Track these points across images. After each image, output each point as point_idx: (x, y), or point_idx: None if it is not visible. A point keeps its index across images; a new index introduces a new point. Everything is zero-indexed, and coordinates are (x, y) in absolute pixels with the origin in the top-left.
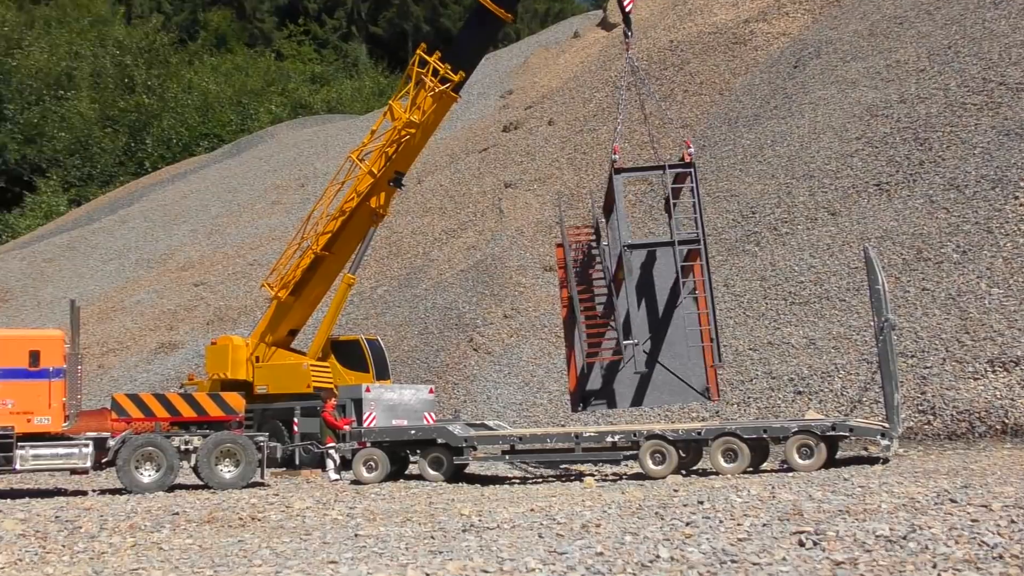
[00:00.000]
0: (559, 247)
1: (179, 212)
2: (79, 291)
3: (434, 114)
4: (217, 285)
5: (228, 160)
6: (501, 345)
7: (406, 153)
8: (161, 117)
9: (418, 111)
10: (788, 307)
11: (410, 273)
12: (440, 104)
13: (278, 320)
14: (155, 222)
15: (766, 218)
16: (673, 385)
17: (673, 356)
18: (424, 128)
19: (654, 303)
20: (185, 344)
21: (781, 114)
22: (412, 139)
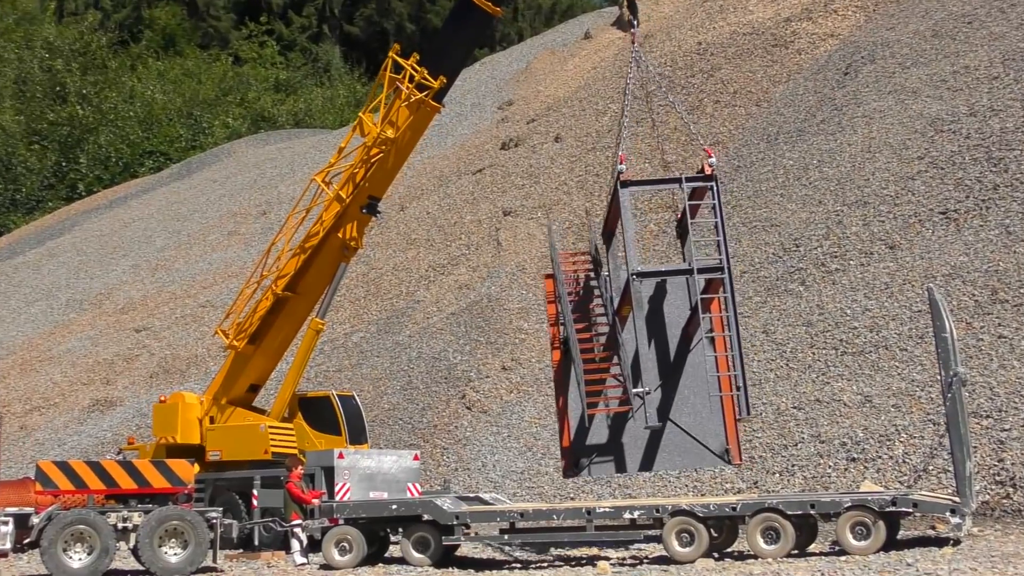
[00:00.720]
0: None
1: (118, 244)
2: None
3: (411, 128)
4: (162, 331)
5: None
6: (499, 403)
7: (380, 174)
8: (98, 131)
9: (392, 125)
10: (839, 358)
11: (391, 317)
12: (418, 116)
13: (236, 373)
14: (89, 256)
15: (812, 252)
16: (686, 445)
17: (687, 410)
18: (400, 145)
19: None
20: (124, 401)
21: (829, 129)
22: (386, 158)
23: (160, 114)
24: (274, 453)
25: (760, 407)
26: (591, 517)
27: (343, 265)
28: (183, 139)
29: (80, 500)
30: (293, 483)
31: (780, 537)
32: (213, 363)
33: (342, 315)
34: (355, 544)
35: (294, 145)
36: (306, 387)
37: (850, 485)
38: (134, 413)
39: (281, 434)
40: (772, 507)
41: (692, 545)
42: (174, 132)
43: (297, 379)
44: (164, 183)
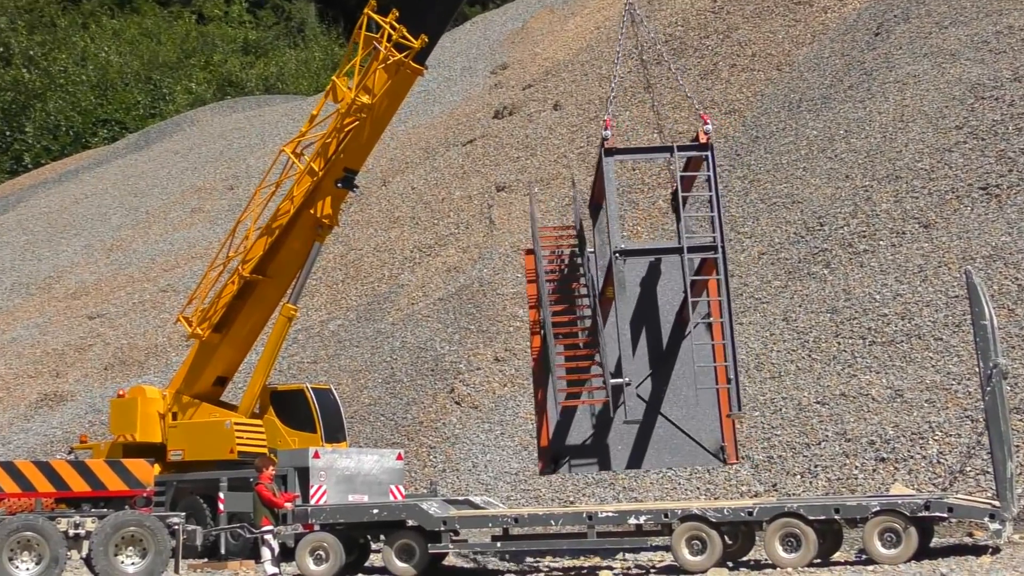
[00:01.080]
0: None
1: (69, 222)
2: None
3: (390, 93)
4: (118, 318)
5: (134, 154)
6: (491, 397)
7: (356, 145)
8: (46, 97)
9: (368, 90)
10: (867, 348)
11: (372, 303)
12: (398, 79)
13: (201, 365)
14: (37, 235)
15: (838, 232)
16: (678, 441)
17: (680, 403)
18: (378, 112)
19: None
20: (76, 395)
21: (858, 96)
22: (362, 127)
23: (115, 78)
24: (241, 452)
25: (780, 402)
26: (593, 523)
27: (317, 245)
28: (141, 106)
29: (27, 504)
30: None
31: (801, 545)
32: (175, 354)
33: (318, 300)
34: (332, 552)
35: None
36: (279, 380)
37: (879, 488)
38: (87, 408)
39: (248, 431)
40: (792, 512)
41: (704, 553)
42: (131, 98)
43: (268, 371)
44: (120, 155)
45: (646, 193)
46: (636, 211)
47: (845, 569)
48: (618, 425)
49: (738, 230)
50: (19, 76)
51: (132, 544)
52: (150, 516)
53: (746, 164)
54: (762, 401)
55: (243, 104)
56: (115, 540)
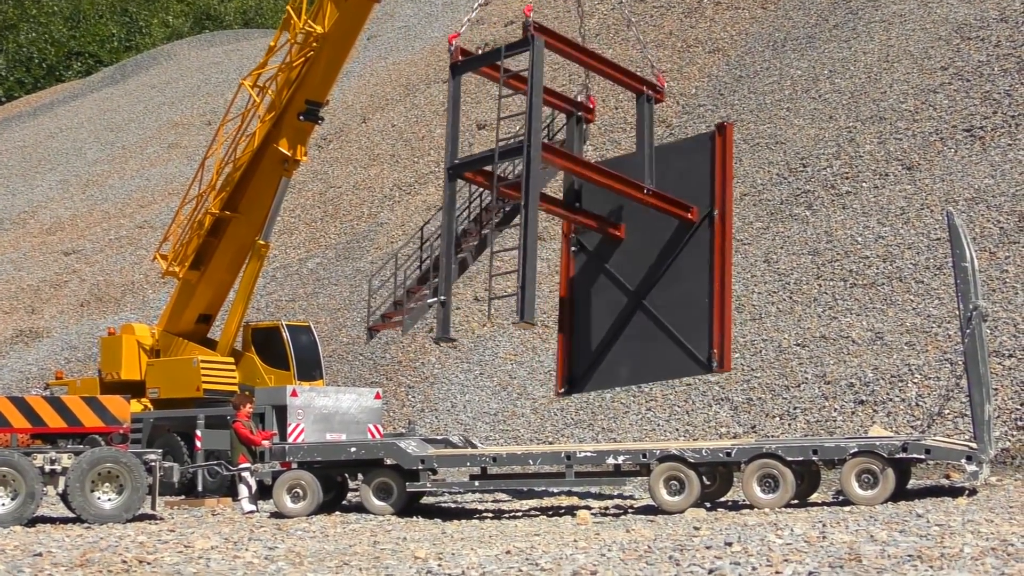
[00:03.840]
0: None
1: (43, 157)
2: None
3: (344, 20)
4: (94, 254)
5: (109, 88)
6: (470, 336)
7: (315, 76)
8: (17, 28)
9: (323, 17)
10: (848, 290)
11: (351, 241)
12: (349, 7)
13: (182, 304)
14: (11, 170)
15: (821, 173)
16: (671, 354)
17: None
18: (334, 41)
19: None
20: (52, 331)
21: (843, 35)
22: (318, 57)
23: (89, 10)
24: (207, 390)
25: (760, 344)
26: (571, 462)
27: (284, 180)
28: (116, 39)
29: (3, 440)
30: (241, 423)
31: (779, 486)
32: (151, 291)
33: (297, 238)
34: (309, 490)
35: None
36: (258, 318)
37: (857, 430)
38: (62, 345)
39: (216, 369)
40: (770, 453)
41: (682, 494)
42: (105, 31)
43: (244, 308)
44: (95, 88)
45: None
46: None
47: (822, 510)
48: (619, 345)
49: None
50: None
51: (109, 480)
52: (127, 453)
53: (729, 104)
54: (742, 343)
55: (221, 38)
56: (91, 476)
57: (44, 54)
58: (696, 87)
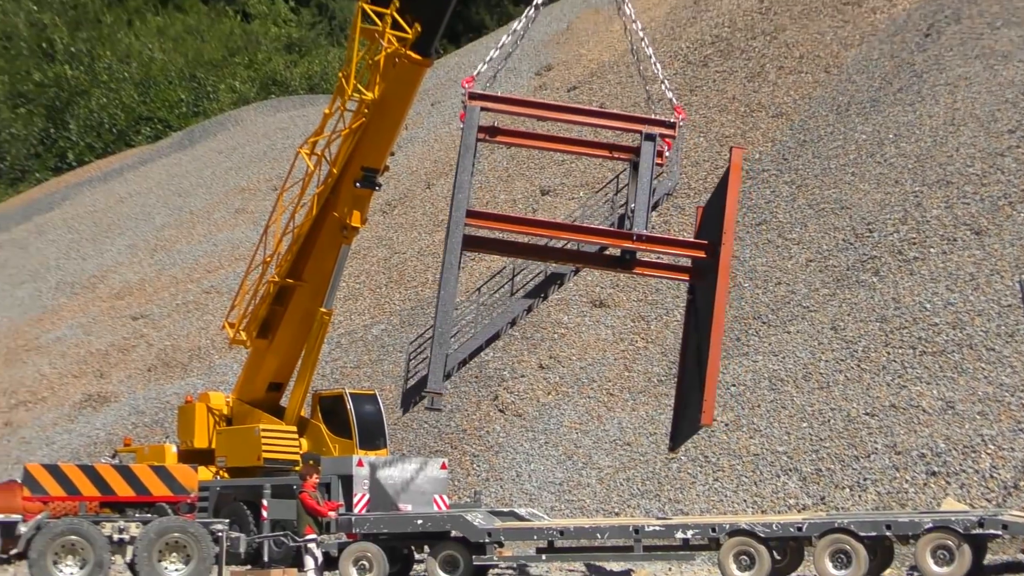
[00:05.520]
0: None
1: (113, 221)
2: None
3: (395, 87)
4: (162, 319)
5: (178, 153)
6: (535, 405)
7: (370, 143)
8: (90, 94)
9: (371, 84)
10: (917, 358)
11: (416, 307)
12: (400, 72)
13: (253, 371)
14: (82, 234)
15: (888, 238)
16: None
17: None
18: (385, 107)
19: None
20: (119, 396)
21: (908, 99)
22: (371, 124)
23: (159, 76)
24: (267, 459)
25: (829, 413)
26: (639, 536)
27: (344, 248)
28: (185, 104)
29: (72, 508)
30: (307, 493)
31: (851, 561)
32: (218, 356)
33: (361, 305)
34: (375, 562)
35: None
36: (323, 385)
37: (930, 503)
38: (130, 410)
39: (278, 438)
40: (842, 527)
41: (752, 569)
42: (174, 96)
43: (309, 376)
44: (164, 154)
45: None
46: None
47: None
48: (684, 398)
49: (785, 236)
50: (62, 73)
51: (176, 550)
52: (194, 522)
53: (794, 168)
54: (810, 412)
55: (287, 103)
56: (159, 546)
57: (114, 119)
58: (760, 152)
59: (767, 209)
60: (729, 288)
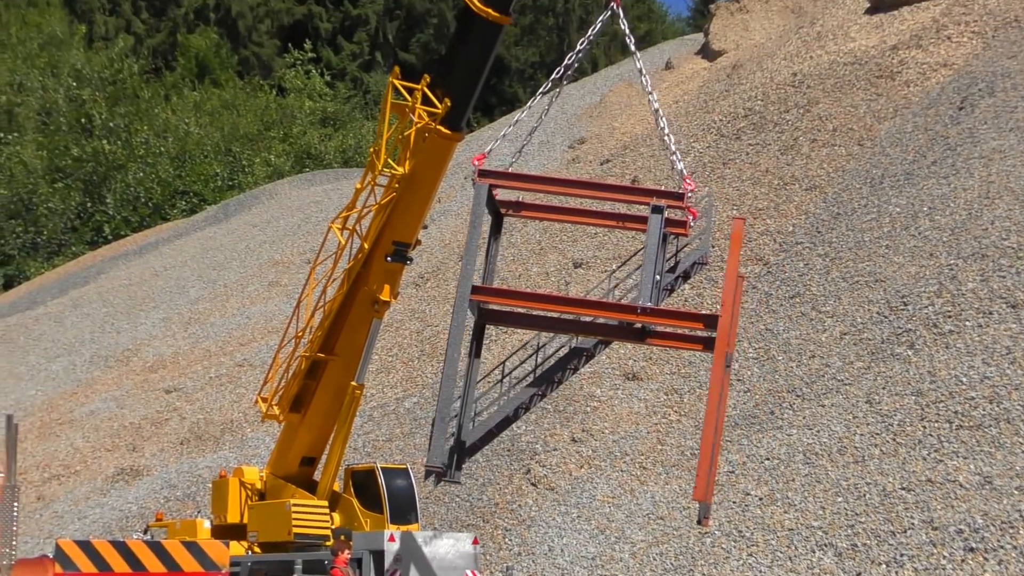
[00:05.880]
0: None
1: (148, 295)
2: (15, 397)
3: (425, 161)
4: (195, 392)
5: (213, 227)
6: (568, 479)
7: (400, 217)
8: (127, 169)
9: (402, 159)
10: (954, 432)
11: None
12: (430, 146)
13: (286, 446)
14: (116, 307)
15: (923, 311)
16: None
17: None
18: (416, 182)
19: None
20: (152, 470)
21: (942, 172)
22: (402, 199)
23: (195, 150)
24: (298, 535)
25: (864, 487)
26: None
27: (376, 322)
28: (220, 178)
29: None
30: (339, 568)
31: None
32: (250, 429)
33: (394, 377)
34: None
35: (343, 186)
36: (355, 459)
37: None
38: (162, 484)
39: (309, 513)
40: None
41: None
42: (210, 170)
43: (341, 450)
44: (199, 227)
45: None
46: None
47: None
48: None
49: (819, 309)
50: (99, 148)
51: None
52: None
53: (827, 241)
54: (845, 487)
55: (321, 177)
56: None
57: (151, 193)
58: (793, 224)
59: (800, 282)
60: (729, 361)
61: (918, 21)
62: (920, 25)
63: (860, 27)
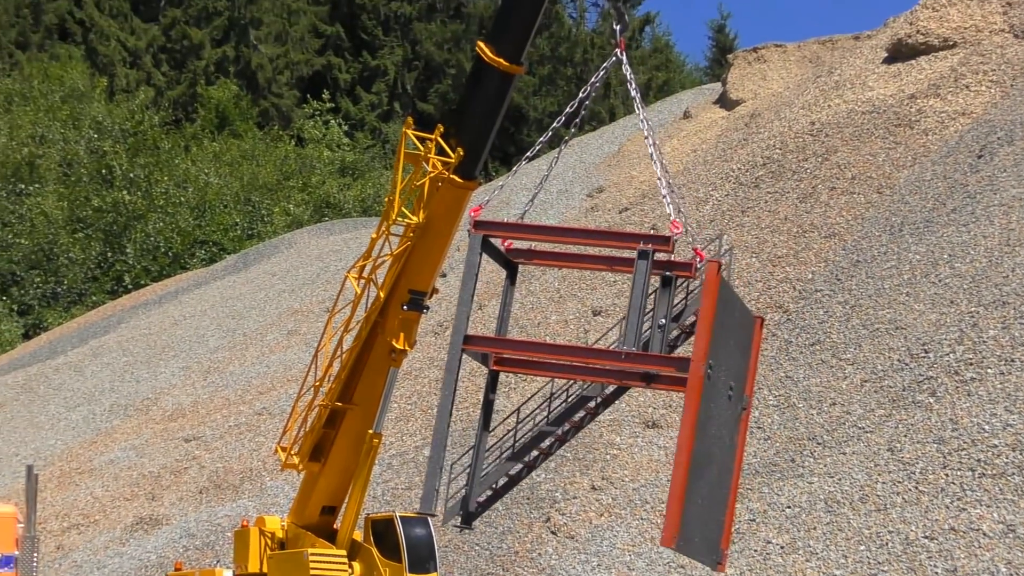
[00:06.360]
0: None
1: (167, 344)
2: (35, 446)
3: (439, 210)
4: (214, 441)
5: (232, 276)
6: (588, 527)
7: (415, 266)
8: (146, 218)
9: (416, 208)
10: (976, 480)
11: (467, 428)
12: (445, 196)
13: (306, 495)
14: (136, 357)
15: (944, 359)
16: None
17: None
18: (431, 231)
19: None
20: (171, 519)
21: (961, 219)
22: (416, 247)
23: (214, 200)
24: None
25: (886, 536)
26: None
27: (393, 371)
28: (239, 227)
29: None
30: None
31: None
32: (269, 478)
33: (413, 426)
34: None
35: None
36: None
37: None
38: (181, 533)
39: (327, 562)
40: None
41: None
42: (229, 220)
43: (360, 499)
44: (218, 276)
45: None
46: None
47: None
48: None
49: (840, 356)
50: (121, 198)
51: None
52: None
53: (847, 289)
54: (867, 535)
55: (340, 226)
56: None
57: (171, 243)
58: (813, 272)
59: (820, 329)
60: (699, 404)
61: (936, 70)
62: (938, 74)
63: (878, 76)
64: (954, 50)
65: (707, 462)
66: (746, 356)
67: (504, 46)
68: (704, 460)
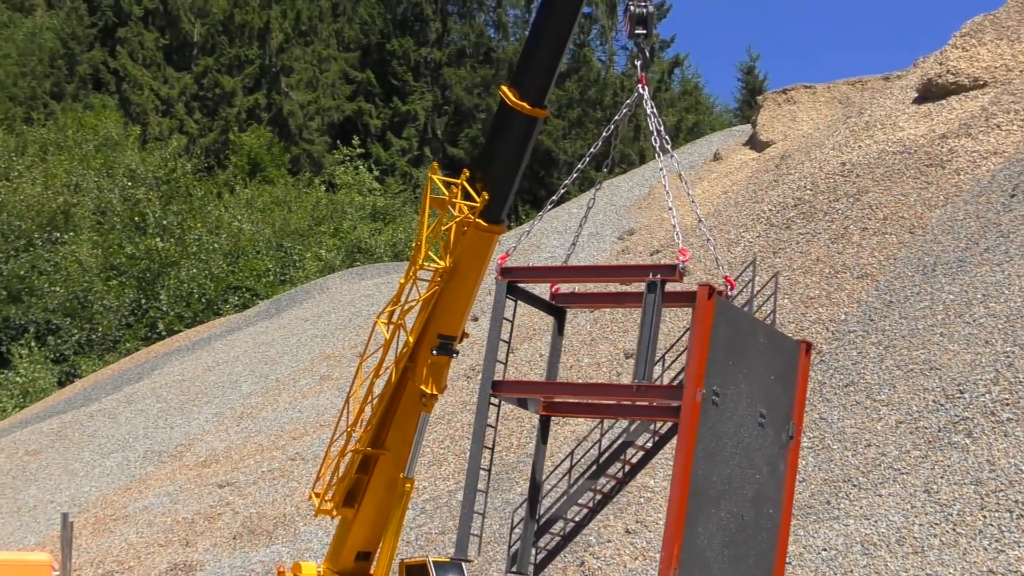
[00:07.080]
0: None
1: (200, 390)
2: (70, 494)
3: (466, 254)
4: (247, 487)
5: (264, 322)
6: (622, 571)
7: (444, 310)
8: (179, 265)
9: (443, 254)
10: (1015, 521)
11: (500, 472)
12: (472, 240)
13: (341, 541)
14: (169, 403)
15: (979, 399)
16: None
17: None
18: (459, 275)
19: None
20: (204, 566)
21: (995, 259)
22: (445, 292)
23: (247, 246)
24: None
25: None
26: None
27: (424, 416)
28: (272, 273)
29: None
30: None
31: None
32: (303, 523)
33: (446, 470)
34: None
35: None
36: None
37: None
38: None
39: None
40: None
41: None
42: (262, 266)
43: (393, 545)
44: (251, 322)
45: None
46: None
47: None
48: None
49: (874, 397)
50: (154, 246)
51: None
52: None
53: (880, 329)
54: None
55: (371, 271)
56: None
57: (204, 289)
58: (845, 313)
59: (854, 370)
60: (695, 438)
61: (967, 110)
62: (969, 114)
63: (908, 116)
64: (985, 89)
65: (723, 492)
66: (787, 383)
67: (527, 90)
68: (717, 490)
